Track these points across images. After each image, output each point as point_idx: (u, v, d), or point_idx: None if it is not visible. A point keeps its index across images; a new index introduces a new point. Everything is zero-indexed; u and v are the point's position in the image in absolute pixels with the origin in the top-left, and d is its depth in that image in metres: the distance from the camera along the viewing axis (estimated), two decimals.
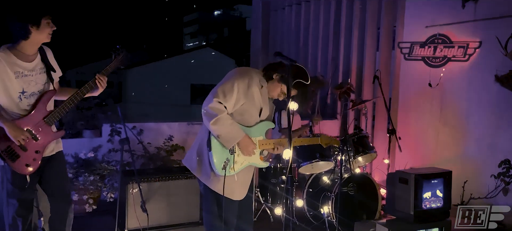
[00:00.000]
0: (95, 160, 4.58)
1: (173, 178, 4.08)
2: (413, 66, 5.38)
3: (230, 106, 2.68)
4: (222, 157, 2.74)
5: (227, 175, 2.73)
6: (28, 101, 2.69)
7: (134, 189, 3.87)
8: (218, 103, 2.64)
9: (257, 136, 2.82)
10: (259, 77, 2.78)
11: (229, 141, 2.69)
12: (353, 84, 6.38)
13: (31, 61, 2.71)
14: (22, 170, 2.66)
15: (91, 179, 4.28)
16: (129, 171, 4.13)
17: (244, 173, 2.85)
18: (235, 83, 2.66)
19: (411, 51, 5.33)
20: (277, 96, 2.80)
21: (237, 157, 2.77)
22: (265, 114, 2.85)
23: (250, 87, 2.70)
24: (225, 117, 2.65)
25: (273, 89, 2.77)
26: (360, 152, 4.49)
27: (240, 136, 2.70)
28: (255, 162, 2.86)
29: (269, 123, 2.89)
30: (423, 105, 5.36)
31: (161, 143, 5.21)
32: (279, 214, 4.40)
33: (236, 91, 2.66)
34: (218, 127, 2.64)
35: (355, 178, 4.26)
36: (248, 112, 2.76)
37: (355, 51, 6.51)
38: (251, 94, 2.71)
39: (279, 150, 2.86)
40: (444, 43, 5.06)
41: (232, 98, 2.66)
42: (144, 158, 5.08)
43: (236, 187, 2.82)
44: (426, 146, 5.36)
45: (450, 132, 5.16)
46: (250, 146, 2.74)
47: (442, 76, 5.11)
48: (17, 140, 2.59)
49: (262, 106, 2.79)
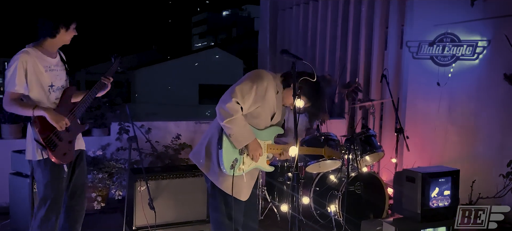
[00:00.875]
0: (103, 158, 4.63)
1: (180, 176, 4.11)
2: (421, 65, 5.35)
3: (246, 107, 2.72)
4: (231, 156, 2.77)
5: (235, 174, 2.76)
6: (56, 94, 2.88)
7: (142, 187, 3.90)
8: (236, 103, 2.67)
9: (265, 139, 2.87)
10: (276, 83, 2.81)
11: (240, 142, 2.73)
12: (361, 83, 6.38)
13: (55, 58, 2.93)
14: (62, 158, 2.80)
15: (100, 177, 4.32)
16: (137, 169, 4.16)
17: (251, 174, 2.91)
18: (254, 85, 2.69)
19: (419, 50, 5.30)
20: (290, 105, 2.81)
21: (246, 158, 2.81)
22: (277, 119, 2.90)
23: (268, 91, 2.73)
24: (240, 117, 2.69)
25: (288, 97, 2.77)
26: (368, 151, 4.48)
27: (250, 138, 2.74)
28: (261, 165, 2.91)
29: (279, 128, 2.92)
30: (431, 105, 5.33)
31: (169, 142, 5.25)
32: (285, 211, 4.40)
33: (254, 93, 2.68)
34: (232, 126, 2.67)
35: (362, 177, 4.25)
36: (262, 115, 2.81)
37: (363, 50, 6.49)
38: (268, 98, 2.75)
39: (285, 155, 2.88)
40: (453, 41, 5.03)
41: (249, 100, 2.69)
42: (152, 156, 5.12)
43: (243, 187, 2.85)
44: (434, 145, 5.33)
45: (459, 131, 5.12)
46: (258, 150, 2.78)
47: (450, 75, 5.08)
48: (59, 125, 2.75)
49: (275, 111, 2.83)
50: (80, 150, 3.05)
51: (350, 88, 6.23)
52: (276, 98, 2.79)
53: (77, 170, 3.03)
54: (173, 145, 5.22)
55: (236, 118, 2.67)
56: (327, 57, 7.15)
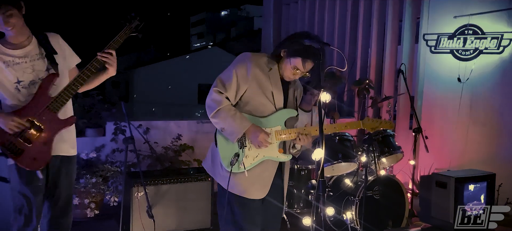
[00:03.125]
0: (97, 161, 4.24)
1: (182, 180, 3.75)
2: (440, 60, 4.99)
3: (232, 95, 2.41)
4: (230, 152, 2.43)
5: (235, 171, 2.40)
6: (28, 91, 2.45)
7: (139, 192, 3.54)
8: (218, 93, 2.39)
9: (273, 126, 2.46)
10: (265, 60, 2.47)
11: (233, 133, 2.37)
12: (372, 80, 6.02)
13: (23, 48, 2.47)
14: (31, 164, 2.39)
15: (93, 181, 3.94)
16: (134, 172, 3.79)
17: (262, 169, 2.48)
18: (233, 69, 2.40)
19: (438, 43, 4.93)
20: (292, 75, 2.43)
21: (248, 151, 2.43)
22: (279, 99, 2.47)
23: (251, 69, 2.39)
24: (226, 107, 2.38)
25: (285, 68, 2.43)
26: (386, 152, 4.09)
27: (244, 127, 2.36)
28: (271, 155, 2.46)
29: (290, 110, 2.49)
30: (451, 102, 4.97)
31: (169, 142, 4.87)
32: (307, 224, 3.94)
33: (235, 77, 2.38)
34: (219, 119, 2.37)
35: (381, 181, 3.88)
36: (255, 99, 2.43)
37: (374, 45, 6.14)
38: (254, 77, 2.40)
39: (303, 140, 2.43)
40: (476, 34, 4.67)
41: (231, 86, 2.39)
42: (150, 159, 4.74)
43: (250, 184, 2.45)
44: (454, 146, 4.97)
45: (481, 130, 4.77)
46: (259, 135, 2.37)
47: (473, 70, 4.72)
48: (8, 128, 2.33)
49: (272, 90, 2.43)
50: (62, 155, 2.56)
51: (361, 85, 5.88)
52: (268, 75, 2.42)
53: (62, 178, 2.59)
54: (173, 146, 4.85)
55: (222, 108, 2.37)
56: (335, 53, 6.79)
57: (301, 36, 2.39)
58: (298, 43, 2.36)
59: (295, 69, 2.38)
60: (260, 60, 2.45)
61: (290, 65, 2.39)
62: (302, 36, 2.39)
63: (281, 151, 2.48)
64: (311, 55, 2.30)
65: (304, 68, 2.35)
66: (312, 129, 2.45)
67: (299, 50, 2.32)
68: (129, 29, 2.53)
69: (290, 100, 2.53)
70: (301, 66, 2.33)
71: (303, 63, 2.33)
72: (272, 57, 2.47)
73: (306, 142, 2.44)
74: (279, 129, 2.46)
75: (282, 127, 2.46)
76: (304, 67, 2.34)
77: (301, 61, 2.33)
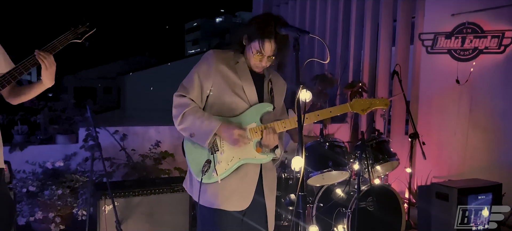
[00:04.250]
0: (66, 170, 3.88)
1: (156, 191, 3.40)
2: (437, 60, 4.68)
3: (196, 96, 2.15)
4: (200, 160, 2.11)
5: (207, 181, 2.07)
6: None
7: (107, 205, 3.18)
8: (180, 97, 2.14)
9: (247, 123, 2.14)
10: (230, 54, 2.19)
11: (203, 136, 2.06)
12: (365, 82, 5.71)
13: None
14: None
15: (59, 193, 3.58)
16: (102, 183, 3.43)
17: (240, 176, 2.14)
18: (194, 69, 2.17)
19: (434, 43, 4.63)
20: (259, 62, 2.13)
21: (221, 156, 2.10)
22: (252, 94, 2.16)
23: (213, 66, 2.11)
24: (192, 110, 2.11)
25: (249, 57, 2.14)
26: (380, 160, 3.77)
27: (215, 125, 2.05)
28: (247, 156, 2.13)
29: (263, 105, 2.17)
30: (449, 105, 4.66)
31: (146, 150, 4.52)
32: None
33: (196, 77, 2.14)
34: (186, 124, 2.09)
35: (375, 191, 3.56)
36: (223, 99, 2.13)
37: (367, 46, 5.85)
38: (218, 75, 2.11)
39: (267, 139, 2.10)
40: (475, 32, 4.37)
41: (193, 87, 2.13)
42: (127, 167, 4.39)
43: (227, 195, 2.11)
44: (453, 152, 4.65)
45: (482, 135, 4.45)
46: (232, 131, 2.05)
47: (472, 71, 4.41)
48: None
49: (242, 85, 2.13)
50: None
51: (354, 88, 5.57)
52: (236, 69, 2.14)
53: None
54: (152, 154, 4.49)
55: (187, 111, 2.10)
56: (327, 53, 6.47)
57: (256, 17, 2.13)
58: (252, 24, 2.10)
59: (258, 54, 2.09)
60: (224, 55, 2.17)
61: (251, 51, 2.11)
62: (258, 17, 2.13)
63: (259, 149, 2.14)
64: (267, 33, 2.02)
65: (264, 50, 2.07)
66: (277, 124, 2.13)
67: (254, 31, 2.06)
68: (72, 34, 2.18)
69: (265, 94, 2.22)
70: (260, 48, 2.06)
71: (261, 44, 2.05)
72: (237, 50, 2.19)
73: (271, 140, 2.10)
74: (254, 126, 2.14)
75: (257, 123, 2.14)
76: (263, 49, 2.06)
77: (258, 42, 2.06)
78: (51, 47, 2.09)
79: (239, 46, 2.17)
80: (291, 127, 2.18)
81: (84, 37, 2.20)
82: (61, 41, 2.13)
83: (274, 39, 2.03)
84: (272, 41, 2.03)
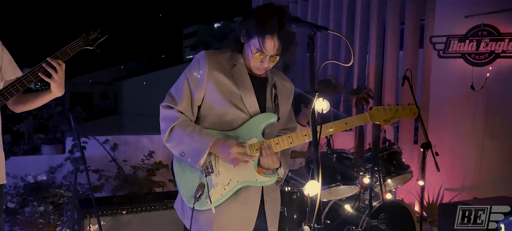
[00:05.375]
0: (50, 184, 3.56)
1: (147, 208, 3.10)
2: (449, 65, 4.40)
3: (185, 107, 1.81)
4: (191, 184, 1.79)
5: (200, 208, 1.76)
6: None
7: (92, 224, 2.87)
8: (167, 109, 1.81)
9: (246, 139, 1.80)
10: (226, 56, 1.85)
11: (195, 156, 1.73)
12: (371, 88, 5.42)
13: None
14: None
15: (41, 210, 3.26)
16: (87, 199, 3.12)
17: (241, 202, 1.82)
18: (183, 75, 1.83)
19: (447, 47, 4.35)
20: (260, 64, 1.79)
21: (217, 178, 1.78)
22: (252, 103, 1.82)
23: (205, 71, 1.77)
24: (181, 124, 1.77)
25: (250, 57, 1.79)
26: (392, 173, 3.46)
27: (208, 142, 1.72)
28: (247, 178, 1.80)
29: (266, 115, 1.83)
30: (463, 113, 4.37)
31: (139, 161, 4.21)
32: None
33: (186, 84, 1.80)
34: (175, 141, 1.77)
35: (388, 207, 3.26)
36: (218, 110, 1.79)
37: (373, 50, 5.56)
38: (211, 82, 1.77)
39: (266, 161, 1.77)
40: (491, 35, 4.10)
41: (182, 96, 1.80)
42: (118, 180, 4.07)
43: (224, 225, 1.80)
44: (468, 163, 4.36)
45: (499, 145, 4.17)
46: (230, 149, 1.72)
47: (488, 76, 4.13)
48: None
49: (240, 93, 1.79)
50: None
51: (359, 94, 5.28)
52: (232, 74, 1.80)
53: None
54: (144, 165, 4.18)
55: (175, 125, 1.77)
56: (330, 59, 6.20)
57: (256, 9, 1.79)
58: (251, 17, 1.75)
59: (258, 54, 1.75)
60: (219, 57, 1.82)
61: (250, 50, 1.77)
62: (259, 9, 1.78)
63: (261, 170, 1.81)
64: (268, 28, 1.69)
65: (265, 49, 1.72)
66: (282, 140, 1.81)
67: (253, 26, 1.72)
68: (84, 41, 2.00)
69: (268, 102, 1.88)
70: (261, 46, 1.72)
71: (261, 41, 1.71)
72: (234, 49, 1.85)
73: (270, 162, 1.77)
74: (255, 141, 1.81)
75: (258, 138, 1.81)
76: (264, 47, 1.72)
77: (258, 39, 1.72)
78: (62, 54, 1.88)
79: (236, 44, 1.84)
80: (298, 142, 1.86)
81: (95, 44, 2.03)
82: (73, 48, 1.95)
83: (278, 35, 1.70)
84: (275, 37, 1.70)
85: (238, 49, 1.84)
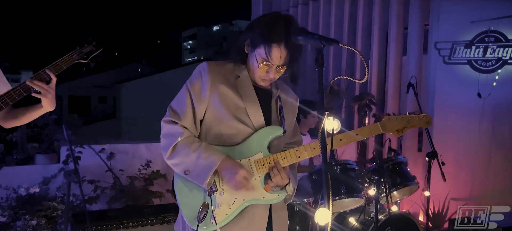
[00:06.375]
0: (44, 196, 3.44)
1: (144, 222, 2.98)
2: (455, 71, 4.29)
3: (189, 122, 1.71)
4: (194, 203, 1.67)
5: (204, 229, 1.64)
6: None
7: None
8: (170, 124, 1.70)
9: (252, 154, 1.70)
10: (229, 67, 1.75)
11: (200, 175, 1.62)
12: (374, 95, 5.31)
13: None
14: None
15: (34, 224, 3.13)
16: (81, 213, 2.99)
17: (247, 222, 1.70)
18: (185, 88, 1.73)
19: (452, 53, 4.24)
20: (265, 75, 1.69)
21: (222, 197, 1.67)
22: (257, 116, 1.71)
23: (208, 84, 1.67)
24: (186, 140, 1.67)
25: (255, 68, 1.69)
26: (398, 184, 3.34)
27: (215, 162, 1.62)
28: (254, 197, 1.69)
29: (272, 129, 1.73)
30: (470, 121, 4.26)
31: (136, 170, 4.09)
32: None
33: (188, 97, 1.71)
34: (179, 158, 1.65)
35: (394, 220, 3.14)
36: (221, 124, 1.69)
37: (375, 56, 5.45)
38: (213, 95, 1.68)
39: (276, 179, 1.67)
40: (498, 41, 4.00)
41: (185, 111, 1.70)
42: (114, 190, 3.95)
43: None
44: (474, 173, 4.24)
45: (507, 154, 4.07)
46: (236, 173, 1.62)
47: (495, 84, 4.02)
48: None
49: (244, 106, 1.69)
50: None
51: (362, 101, 5.17)
52: (236, 87, 1.70)
53: None
54: (142, 175, 4.06)
55: (179, 142, 1.66)
56: (331, 65, 6.10)
57: (262, 17, 1.69)
58: (257, 25, 1.65)
59: (264, 64, 1.65)
60: (221, 69, 1.72)
61: (256, 60, 1.67)
62: (264, 17, 1.69)
63: (268, 187, 1.70)
64: (275, 37, 1.59)
65: (272, 59, 1.63)
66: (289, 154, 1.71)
67: (259, 35, 1.63)
68: (77, 54, 1.92)
69: (274, 114, 1.78)
70: (267, 56, 1.62)
71: (267, 50, 1.62)
72: (238, 60, 1.74)
73: (278, 179, 1.67)
74: (261, 156, 1.70)
75: (264, 153, 1.71)
76: (270, 57, 1.62)
77: (264, 48, 1.62)
78: (54, 67, 1.78)
79: (240, 55, 1.73)
80: (307, 155, 1.75)
81: (90, 57, 1.94)
82: (66, 61, 1.85)
83: (285, 44, 1.60)
84: (282, 46, 1.61)
85: (241, 60, 1.74)
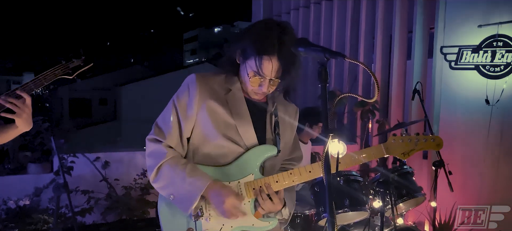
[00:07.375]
0: (35, 208, 3.31)
1: None
2: (462, 77, 4.15)
3: (175, 141, 1.58)
4: (179, 228, 1.56)
5: None
6: None
7: None
8: (154, 143, 1.56)
9: (242, 176, 1.56)
10: (220, 79, 1.61)
11: (186, 200, 1.49)
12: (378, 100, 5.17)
13: None
14: None
15: None
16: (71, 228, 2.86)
17: None
18: (170, 103, 1.60)
19: (459, 57, 4.10)
20: (258, 88, 1.55)
21: (208, 223, 1.53)
22: (249, 134, 1.57)
23: (195, 99, 1.54)
24: (171, 161, 1.54)
25: (247, 81, 1.55)
26: (404, 196, 3.20)
27: (201, 187, 1.48)
28: (244, 224, 1.55)
29: (265, 148, 1.59)
30: (477, 128, 4.11)
31: (132, 180, 3.95)
32: None
33: (174, 115, 1.57)
34: (163, 182, 1.53)
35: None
36: (209, 143, 1.55)
37: (379, 60, 5.32)
38: (201, 111, 1.54)
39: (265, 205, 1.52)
40: (507, 46, 3.86)
41: (171, 129, 1.57)
42: (108, 200, 3.82)
43: None
44: (482, 182, 4.10)
45: None
46: (224, 200, 1.48)
47: (504, 90, 3.88)
48: None
49: (235, 123, 1.55)
50: None
51: (364, 107, 5.04)
52: (226, 101, 1.56)
53: None
54: (137, 185, 3.93)
55: (164, 163, 1.52)
56: (333, 69, 5.97)
57: (254, 25, 1.56)
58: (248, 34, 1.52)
59: (256, 77, 1.51)
60: (211, 82, 1.58)
61: (247, 72, 1.54)
62: (256, 25, 1.55)
63: (258, 214, 1.56)
64: (267, 48, 1.46)
65: (263, 72, 1.49)
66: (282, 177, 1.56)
67: (249, 45, 1.49)
68: (61, 69, 1.79)
69: (268, 132, 1.63)
70: (258, 69, 1.49)
71: (258, 63, 1.48)
72: (230, 72, 1.61)
73: (269, 206, 1.53)
74: (252, 179, 1.56)
75: (255, 175, 1.57)
76: (261, 70, 1.48)
77: (254, 60, 1.49)
78: (34, 83, 1.67)
79: (232, 66, 1.60)
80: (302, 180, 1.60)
81: (76, 73, 1.82)
82: (47, 76, 1.73)
83: (277, 56, 1.47)
84: (274, 58, 1.47)
85: (233, 71, 1.60)
